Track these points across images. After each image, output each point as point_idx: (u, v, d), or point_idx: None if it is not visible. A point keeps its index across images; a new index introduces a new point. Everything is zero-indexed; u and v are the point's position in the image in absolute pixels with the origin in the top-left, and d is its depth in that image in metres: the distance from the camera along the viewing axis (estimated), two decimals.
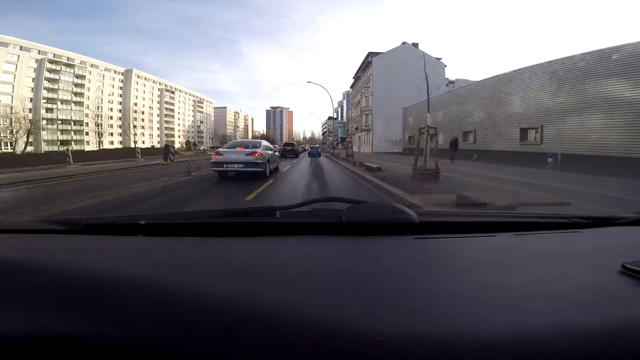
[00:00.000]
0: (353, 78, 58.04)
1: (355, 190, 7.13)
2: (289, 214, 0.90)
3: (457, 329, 0.37)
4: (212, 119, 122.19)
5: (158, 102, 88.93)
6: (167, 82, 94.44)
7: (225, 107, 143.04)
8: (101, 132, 63.42)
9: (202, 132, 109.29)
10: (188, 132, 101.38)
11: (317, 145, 39.73)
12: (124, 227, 0.83)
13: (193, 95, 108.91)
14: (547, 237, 0.86)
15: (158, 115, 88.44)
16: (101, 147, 55.59)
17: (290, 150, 28.23)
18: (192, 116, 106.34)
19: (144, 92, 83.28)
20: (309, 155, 29.40)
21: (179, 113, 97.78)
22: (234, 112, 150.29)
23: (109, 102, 73.38)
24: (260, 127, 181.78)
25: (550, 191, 6.22)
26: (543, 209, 3.51)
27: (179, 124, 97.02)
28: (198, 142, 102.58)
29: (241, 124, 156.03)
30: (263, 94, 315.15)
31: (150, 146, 61.51)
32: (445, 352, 0.34)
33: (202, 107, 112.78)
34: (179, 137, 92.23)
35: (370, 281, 0.53)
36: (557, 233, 0.88)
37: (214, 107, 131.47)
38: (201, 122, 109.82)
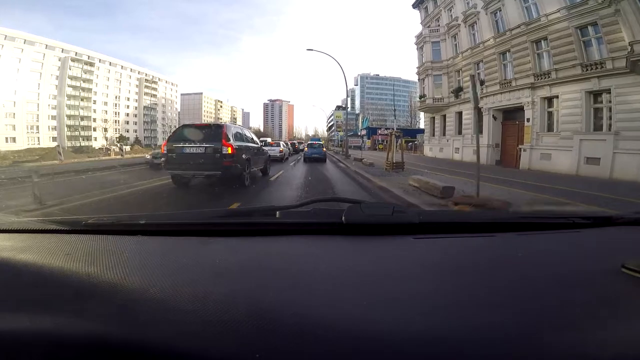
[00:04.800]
0: None
1: None
2: (290, 214, 0.89)
3: (456, 329, 0.37)
4: (177, 106, 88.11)
5: (57, 77, 54.39)
6: (79, 49, 59.57)
7: (201, 94, 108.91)
8: None
9: (155, 122, 75.05)
10: (126, 123, 67.47)
11: (321, 142, 20.29)
12: (124, 227, 0.83)
13: (137, 72, 74.15)
14: (547, 237, 0.85)
15: (55, 97, 53.91)
16: None
17: (183, 164, 6.58)
18: (136, 101, 71.93)
19: (20, 61, 48.51)
20: (305, 161, 14.65)
21: (106, 95, 63.35)
22: (216, 101, 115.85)
23: None
24: (258, 122, 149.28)
25: None
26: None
27: (105, 111, 62.59)
28: (148, 136, 70.22)
29: (226, 116, 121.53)
30: (265, 91, 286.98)
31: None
32: (445, 351, 0.34)
33: (155, 90, 78.21)
34: (104, 130, 57.93)
35: (371, 281, 0.52)
36: (557, 233, 0.87)
37: (182, 94, 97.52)
38: (152, 108, 75.33)
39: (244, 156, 6.98)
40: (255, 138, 9.11)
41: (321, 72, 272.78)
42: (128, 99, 69.56)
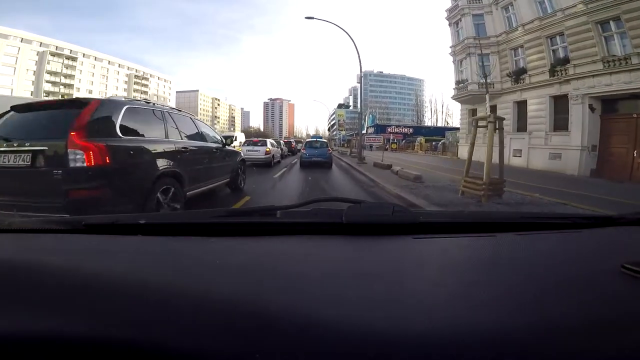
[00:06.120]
0: None
1: None
2: (290, 213, 0.89)
3: (457, 329, 0.38)
4: (171, 103, 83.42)
5: (34, 73, 49.73)
6: (60, 43, 54.90)
7: (197, 91, 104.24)
8: None
9: None
10: None
11: (324, 140, 15.38)
12: (124, 226, 0.83)
13: (126, 67, 69.52)
14: (547, 237, 0.85)
15: (32, 93, 49.18)
16: None
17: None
18: (125, 98, 67.15)
19: None
20: (302, 167, 11.37)
21: (90, 92, 58.66)
22: (213, 99, 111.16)
23: None
24: (258, 121, 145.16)
25: None
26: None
27: None
28: None
29: (223, 114, 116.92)
30: (265, 90, 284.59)
31: None
32: (445, 351, 0.34)
33: (146, 87, 73.70)
34: None
35: (371, 281, 0.53)
36: (558, 233, 0.88)
37: (177, 91, 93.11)
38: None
39: (160, 166, 3.06)
40: (209, 131, 4.87)
41: (321, 72, 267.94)
42: (115, 95, 64.99)
